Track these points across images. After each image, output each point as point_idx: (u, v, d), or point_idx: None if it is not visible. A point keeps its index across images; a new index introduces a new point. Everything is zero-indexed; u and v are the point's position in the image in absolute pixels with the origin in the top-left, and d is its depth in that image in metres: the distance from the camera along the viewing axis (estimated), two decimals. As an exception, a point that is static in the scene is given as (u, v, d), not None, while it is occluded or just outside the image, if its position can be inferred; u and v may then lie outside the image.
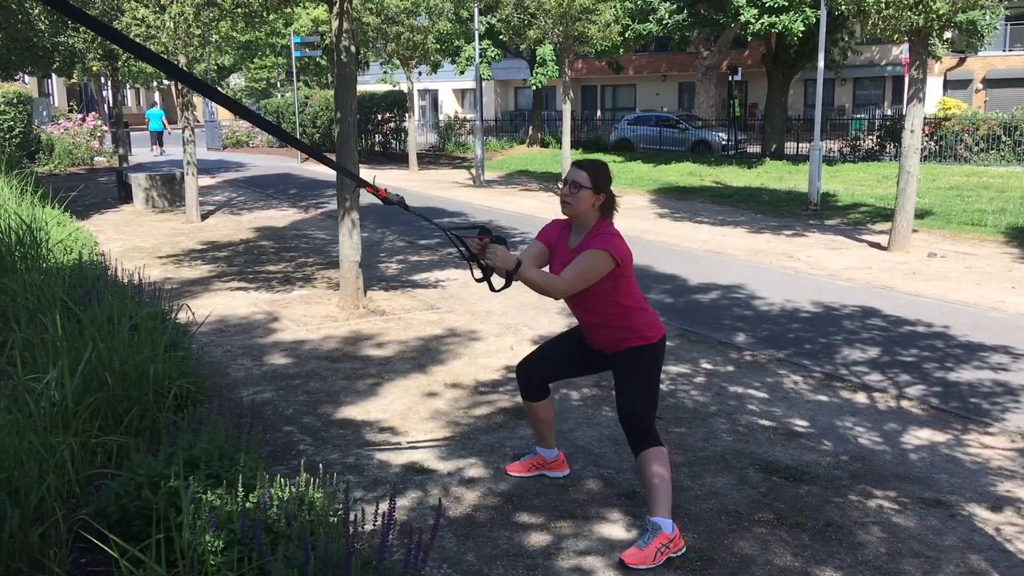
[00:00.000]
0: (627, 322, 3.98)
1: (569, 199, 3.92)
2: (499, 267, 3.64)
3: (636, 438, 3.93)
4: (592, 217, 3.97)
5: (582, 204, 3.92)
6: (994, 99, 37.03)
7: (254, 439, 4.58)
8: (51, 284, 6.20)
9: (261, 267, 10.82)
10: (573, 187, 3.91)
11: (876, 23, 11.56)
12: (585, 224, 3.99)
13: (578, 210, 3.94)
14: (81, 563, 3.44)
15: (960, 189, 18.39)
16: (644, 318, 4.01)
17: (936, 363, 6.91)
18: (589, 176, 3.92)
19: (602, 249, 3.84)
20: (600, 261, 3.84)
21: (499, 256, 3.61)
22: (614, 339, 4.03)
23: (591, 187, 3.91)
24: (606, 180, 3.98)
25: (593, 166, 3.99)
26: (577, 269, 3.84)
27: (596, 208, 3.96)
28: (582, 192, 3.90)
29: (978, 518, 4.24)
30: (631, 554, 3.75)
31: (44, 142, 26.01)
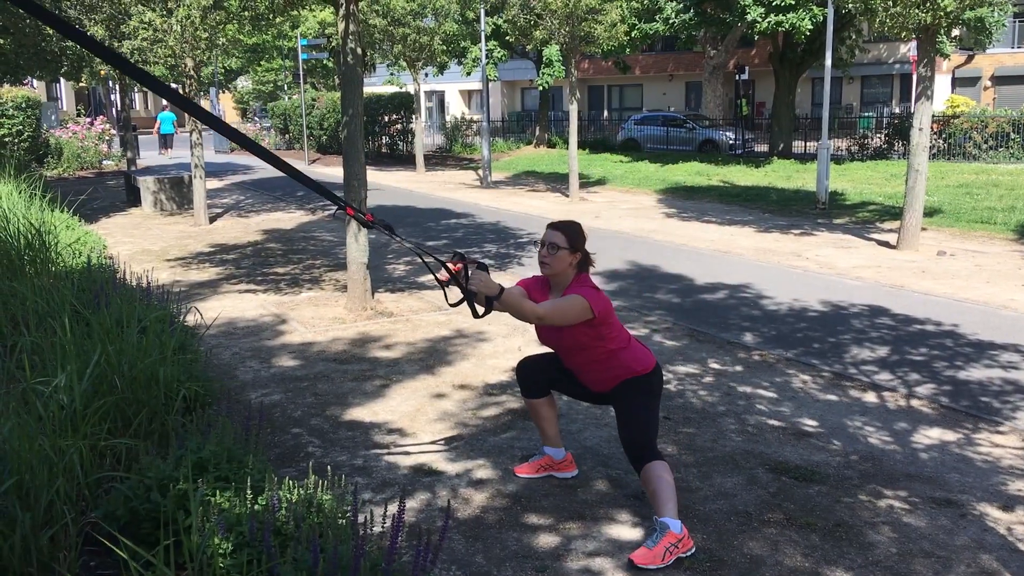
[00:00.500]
0: (616, 363, 4.16)
1: (548, 260, 4.16)
2: (482, 292, 3.75)
3: (637, 459, 4.03)
4: (569, 275, 4.20)
5: (560, 264, 4.15)
6: (1003, 96, 36.88)
7: (263, 441, 4.59)
8: (60, 288, 6.21)
9: (269, 269, 10.84)
10: (551, 248, 4.15)
11: (884, 21, 11.52)
12: (564, 282, 4.20)
13: (556, 270, 4.17)
14: (91, 566, 3.45)
15: (969, 187, 18.31)
16: (632, 355, 4.18)
17: (946, 362, 6.88)
18: (566, 237, 4.15)
19: (580, 295, 4.06)
20: (577, 304, 4.03)
21: (483, 283, 3.74)
22: (607, 379, 4.21)
23: (568, 247, 4.15)
24: (581, 239, 4.21)
25: (568, 227, 4.21)
26: (556, 304, 4.07)
27: (573, 266, 4.19)
28: (560, 253, 4.14)
29: (989, 518, 4.22)
30: (640, 554, 3.75)
31: (53, 146, 26.11)
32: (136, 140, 26.60)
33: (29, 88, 27.91)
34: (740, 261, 11.50)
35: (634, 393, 4.13)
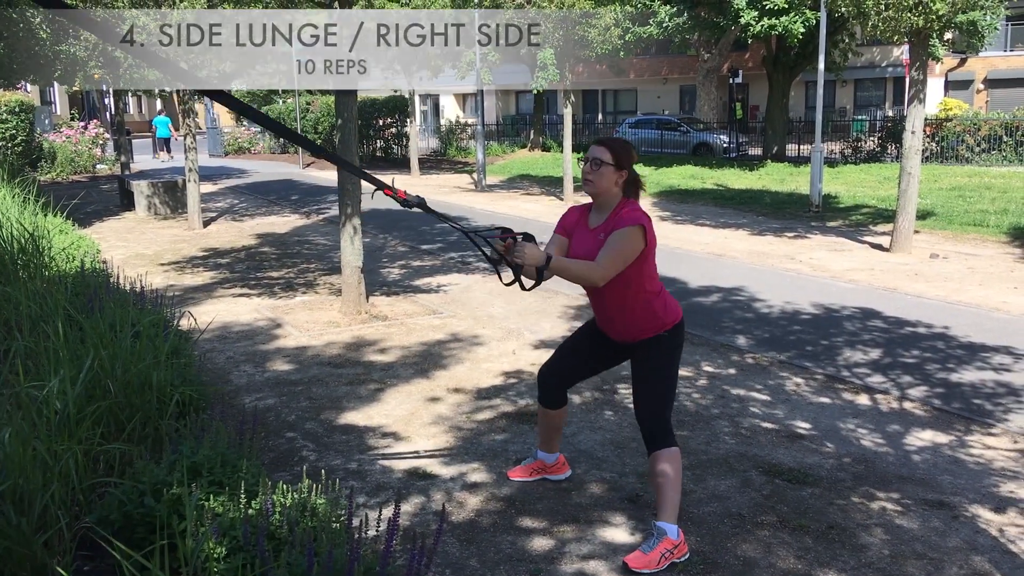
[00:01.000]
0: (648, 309, 3.91)
1: (591, 176, 3.85)
2: (529, 264, 3.55)
3: (652, 435, 3.87)
4: (615, 197, 3.89)
5: (604, 182, 3.84)
6: (995, 99, 37.02)
7: (257, 446, 4.59)
8: (53, 292, 6.21)
9: (263, 273, 10.83)
10: (594, 164, 3.83)
11: (876, 24, 11.57)
12: (607, 204, 3.90)
13: (600, 188, 3.86)
14: (85, 571, 3.45)
15: (962, 190, 18.38)
16: (664, 304, 3.96)
17: (938, 364, 6.91)
18: (610, 152, 3.84)
19: (634, 225, 3.76)
20: (634, 239, 3.75)
21: (528, 254, 3.53)
22: (634, 327, 3.95)
23: (613, 163, 3.83)
24: (628, 157, 3.88)
25: (615, 142, 3.91)
26: (611, 251, 3.74)
27: (619, 186, 3.88)
28: (603, 169, 3.82)
29: (981, 519, 4.24)
30: (635, 558, 3.75)
31: (46, 150, 26.06)
32: (130, 144, 26.55)
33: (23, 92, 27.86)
34: (734, 264, 11.52)
35: (659, 353, 3.94)
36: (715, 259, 11.94)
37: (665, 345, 3.94)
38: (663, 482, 3.81)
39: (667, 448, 3.84)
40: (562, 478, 4.64)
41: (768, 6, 23.38)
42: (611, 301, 3.94)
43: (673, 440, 3.89)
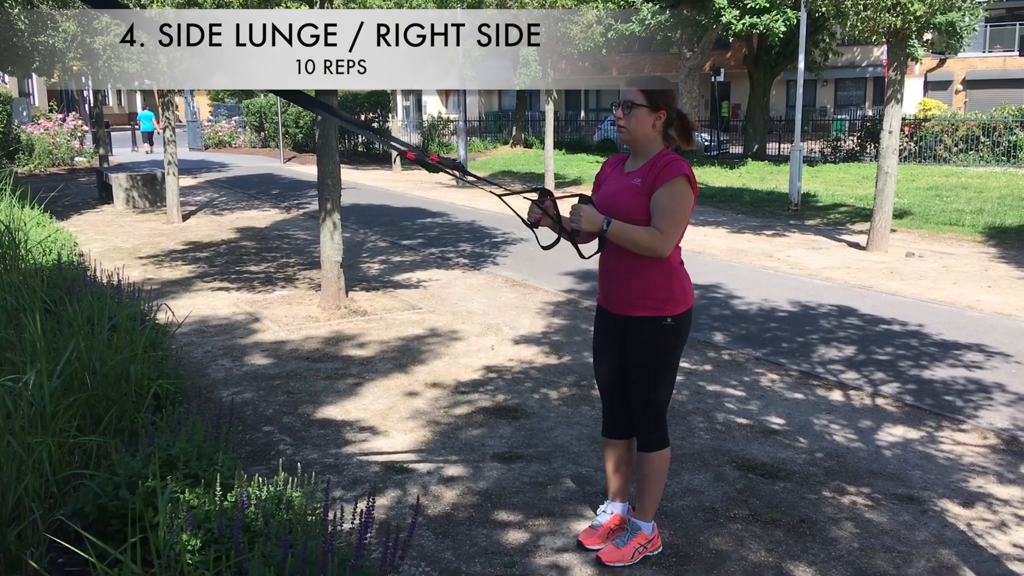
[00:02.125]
0: (662, 278, 3.54)
1: (624, 122, 3.46)
2: (586, 229, 3.33)
3: (647, 432, 3.69)
4: (653, 143, 3.48)
5: (640, 126, 3.44)
6: (974, 100, 37.36)
7: (234, 439, 4.59)
8: (30, 284, 6.18)
9: (243, 268, 10.81)
10: (626, 107, 3.43)
11: (855, 24, 11.67)
12: (648, 151, 3.49)
13: (636, 134, 3.46)
14: (59, 563, 3.45)
15: (939, 189, 18.57)
16: (680, 281, 3.60)
17: (911, 361, 6.99)
18: (643, 93, 3.42)
19: (678, 176, 3.38)
20: (684, 193, 3.41)
21: (585, 217, 3.29)
22: (638, 294, 3.55)
23: (647, 104, 3.41)
24: (665, 96, 3.45)
25: (648, 80, 3.48)
26: (666, 214, 3.38)
27: (658, 130, 3.47)
28: (636, 111, 3.42)
29: (950, 514, 4.31)
30: (609, 552, 3.78)
31: (24, 142, 25.84)
32: (109, 137, 26.37)
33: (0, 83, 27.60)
34: (712, 261, 11.60)
35: (663, 339, 3.59)
36: (694, 256, 11.99)
37: (667, 334, 3.59)
38: (649, 482, 3.77)
39: (660, 451, 3.73)
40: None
41: (749, 5, 23.50)
42: (625, 257, 3.54)
43: (667, 440, 3.76)
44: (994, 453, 5.12)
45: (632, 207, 3.47)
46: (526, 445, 5.10)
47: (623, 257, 3.55)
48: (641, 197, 3.47)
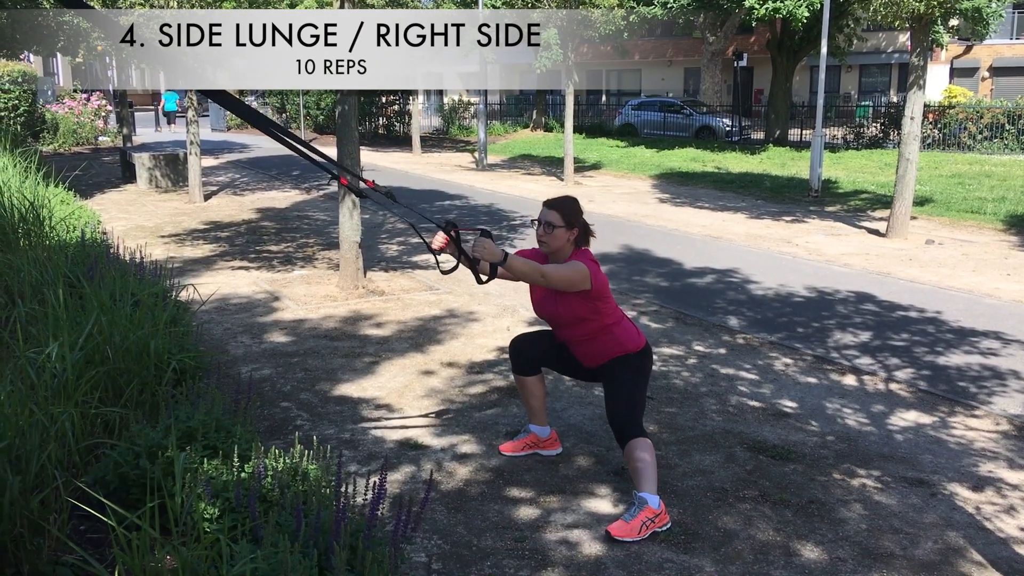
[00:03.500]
0: (609, 338, 4.23)
1: (545, 239, 4.20)
2: (486, 259, 3.79)
3: (621, 434, 4.09)
4: (568, 250, 4.23)
5: (557, 242, 4.19)
6: (1000, 87, 36.91)
7: (252, 414, 4.67)
8: (54, 260, 6.29)
9: (263, 247, 10.91)
10: (547, 228, 4.17)
11: (877, 9, 11.58)
12: (562, 257, 4.23)
13: (554, 248, 4.21)
14: (80, 530, 3.54)
15: (962, 177, 18.42)
16: (625, 332, 4.27)
17: (927, 347, 6.99)
18: (560, 215, 4.17)
19: (581, 263, 4.13)
20: (579, 271, 4.09)
21: (487, 249, 3.77)
22: (599, 353, 4.27)
23: (563, 225, 4.17)
24: (576, 214, 4.21)
25: (562, 204, 4.21)
26: (559, 267, 4.12)
27: (571, 242, 4.22)
28: (556, 231, 4.17)
29: (959, 497, 4.33)
30: (617, 527, 3.85)
31: (49, 121, 26.07)
32: (132, 116, 26.56)
33: (26, 63, 27.83)
34: (730, 247, 11.59)
35: (623, 370, 4.21)
36: (712, 241, 12.00)
37: (632, 364, 4.22)
38: (640, 465, 3.96)
39: (639, 438, 4.03)
40: (553, 454, 4.73)
41: (773, -11, 23.31)
42: (574, 334, 4.30)
43: (643, 432, 4.09)
44: (1006, 439, 5.13)
45: (569, 308, 4.19)
46: (539, 424, 5.15)
47: (573, 334, 4.30)
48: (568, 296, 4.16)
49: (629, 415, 4.11)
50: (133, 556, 2.80)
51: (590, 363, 4.37)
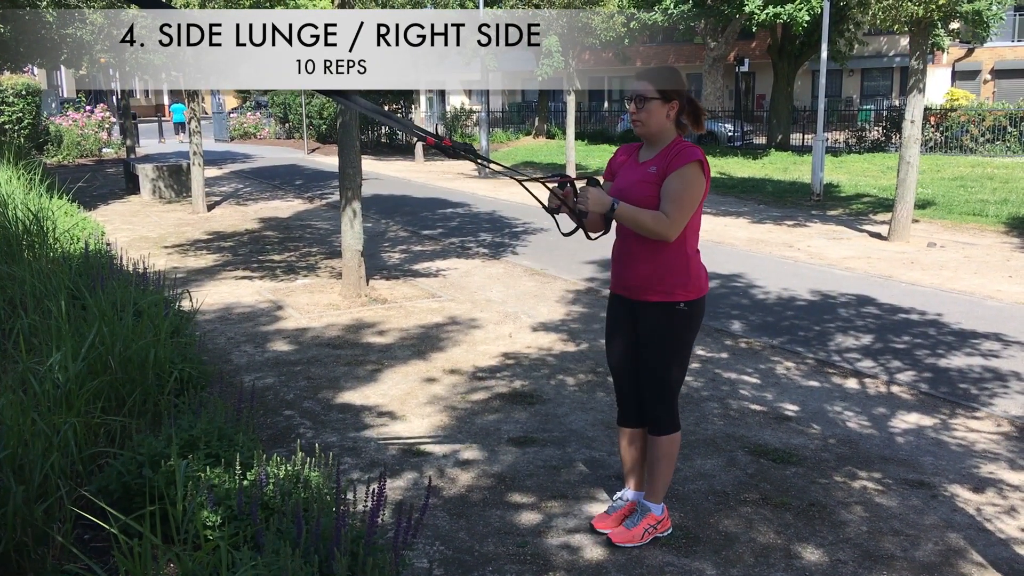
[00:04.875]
0: (677, 264, 3.60)
1: (638, 117, 3.54)
2: (594, 211, 3.39)
3: (659, 417, 3.73)
4: (668, 133, 3.57)
5: (654, 119, 3.52)
6: (1003, 90, 36.91)
7: (255, 422, 4.70)
8: (57, 272, 6.32)
9: (266, 257, 10.94)
10: (639, 101, 3.52)
11: (876, 13, 11.60)
12: (662, 140, 3.57)
13: (650, 127, 3.54)
14: (84, 539, 3.57)
15: (964, 180, 18.42)
16: (696, 268, 3.67)
17: (928, 350, 6.99)
18: (653, 84, 3.51)
19: (691, 162, 3.45)
20: (696, 179, 3.47)
21: (592, 199, 3.35)
22: (651, 278, 3.60)
23: (659, 97, 3.50)
24: (676, 84, 3.54)
25: (656, 72, 3.56)
26: (675, 198, 3.44)
27: (671, 119, 3.55)
28: (649, 104, 3.50)
29: (960, 498, 4.34)
30: (619, 533, 3.85)
31: (53, 133, 26.18)
32: (136, 128, 26.66)
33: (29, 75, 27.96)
34: (732, 251, 11.60)
35: (674, 322, 3.62)
36: (713, 246, 12.00)
37: (680, 319, 3.62)
38: (659, 465, 3.83)
39: (671, 434, 3.78)
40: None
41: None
42: (643, 242, 3.59)
43: (678, 424, 3.81)
44: (1007, 440, 5.14)
45: (649, 196, 3.54)
46: (541, 430, 5.17)
47: (638, 243, 3.60)
48: (656, 186, 3.54)
49: (673, 387, 3.70)
50: (136, 563, 2.82)
51: (635, 288, 3.65)
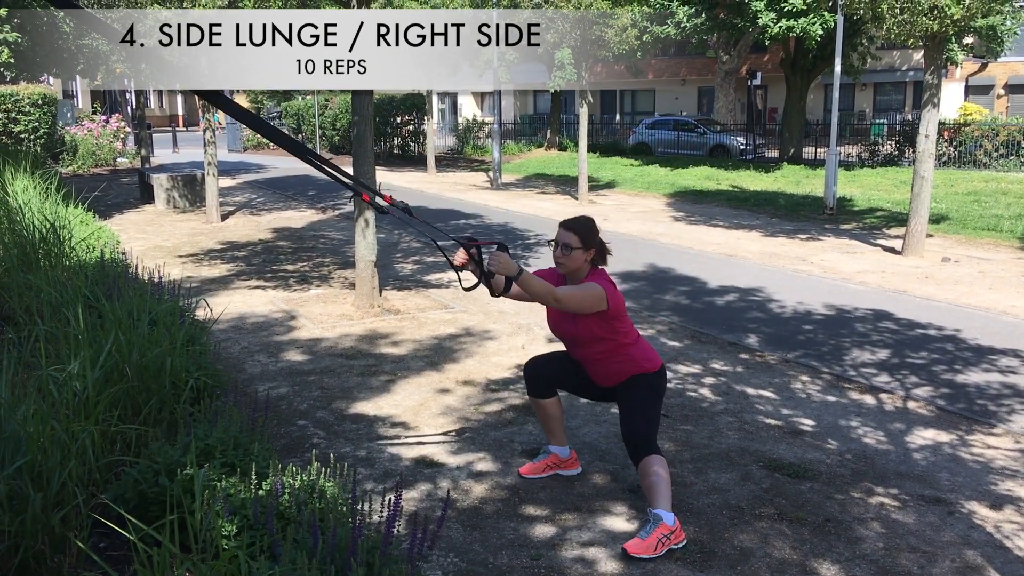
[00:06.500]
0: (625, 357, 4.26)
1: (562, 260, 4.23)
2: (501, 273, 3.82)
3: (636, 451, 4.11)
4: (584, 270, 4.27)
5: (574, 263, 4.23)
6: (1017, 104, 36.81)
7: (269, 432, 4.71)
8: (74, 280, 6.35)
9: (279, 267, 10.98)
10: (564, 249, 4.21)
11: (891, 28, 11.59)
12: (579, 277, 4.27)
13: (571, 268, 4.24)
14: (100, 547, 3.57)
15: (978, 194, 18.34)
16: (642, 352, 4.30)
17: (945, 366, 6.96)
18: (578, 237, 4.21)
19: (597, 284, 4.16)
20: (594, 293, 4.12)
21: (501, 263, 3.80)
22: (615, 373, 4.30)
23: (581, 246, 4.21)
24: (593, 234, 4.25)
25: (579, 226, 4.25)
26: (574, 290, 4.15)
27: (588, 262, 4.27)
28: (573, 253, 4.20)
29: (977, 515, 4.31)
30: (633, 544, 3.85)
31: (68, 143, 26.35)
32: (151, 138, 26.81)
33: (45, 85, 28.19)
34: (745, 265, 11.58)
35: (638, 388, 4.23)
36: (726, 260, 11.99)
37: (648, 382, 4.25)
38: (654, 480, 3.98)
39: (652, 455, 4.05)
40: (574, 473, 4.72)
41: (786, 8, 23.35)
42: (590, 354, 4.32)
43: (658, 449, 4.11)
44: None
45: (586, 327, 4.20)
46: (555, 442, 5.16)
47: (589, 353, 4.31)
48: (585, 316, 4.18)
49: (644, 433, 4.12)
50: (154, 572, 2.83)
51: (606, 383, 4.38)
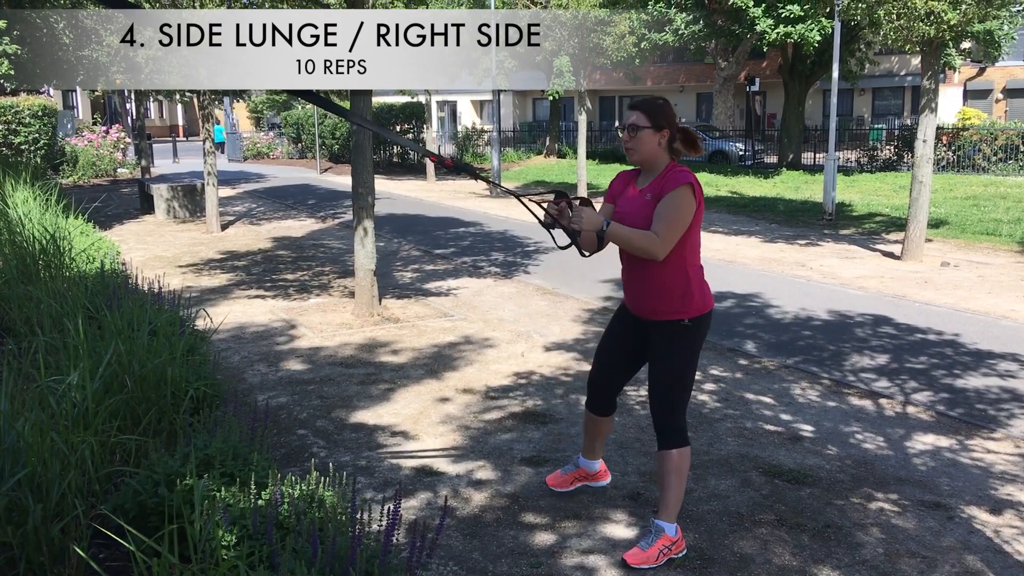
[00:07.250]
0: (682, 283, 3.76)
1: (630, 144, 3.75)
2: (587, 229, 3.53)
3: (664, 428, 3.84)
4: (661, 159, 3.76)
5: (646, 146, 3.72)
6: (1015, 109, 36.89)
7: (269, 441, 4.71)
8: (74, 291, 6.36)
9: (279, 276, 10.99)
10: (631, 130, 3.72)
11: (888, 34, 11.62)
12: (656, 167, 3.77)
13: (643, 154, 3.74)
14: (100, 558, 3.57)
15: (977, 199, 18.37)
16: (699, 286, 3.82)
17: (944, 370, 6.96)
18: (645, 115, 3.72)
19: (682, 185, 3.63)
20: (685, 201, 3.63)
21: (585, 218, 3.49)
22: (658, 298, 3.79)
23: (650, 125, 3.70)
24: (664, 114, 3.74)
25: (647, 104, 3.75)
26: (665, 219, 3.61)
27: (663, 147, 3.74)
28: (641, 134, 3.71)
29: (977, 520, 4.31)
30: (633, 554, 3.83)
31: (68, 154, 26.40)
32: (151, 149, 26.87)
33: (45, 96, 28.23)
34: (745, 271, 11.59)
35: (681, 337, 3.80)
36: (726, 265, 12.00)
37: (685, 335, 3.80)
38: (668, 481, 3.85)
39: (679, 448, 3.84)
40: (604, 485, 4.52)
41: (784, 14, 23.43)
42: (644, 266, 3.77)
43: (686, 438, 3.88)
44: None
45: (648, 222, 3.70)
46: (554, 449, 5.16)
47: (640, 267, 3.80)
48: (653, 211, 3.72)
49: (678, 401, 3.83)
50: (152, 583, 2.83)
51: (644, 307, 3.86)
